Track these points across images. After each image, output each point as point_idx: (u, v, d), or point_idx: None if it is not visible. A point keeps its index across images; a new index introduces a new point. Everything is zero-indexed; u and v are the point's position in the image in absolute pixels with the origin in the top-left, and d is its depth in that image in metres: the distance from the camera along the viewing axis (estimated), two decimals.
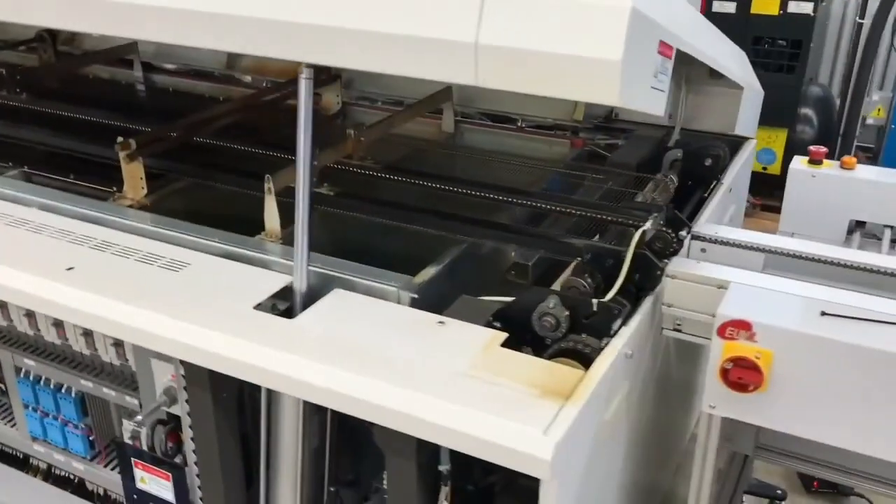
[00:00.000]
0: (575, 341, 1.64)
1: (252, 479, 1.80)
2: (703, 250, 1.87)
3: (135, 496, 1.92)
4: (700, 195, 2.29)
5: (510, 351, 1.57)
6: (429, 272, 1.82)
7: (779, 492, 2.71)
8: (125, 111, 2.65)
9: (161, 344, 1.65)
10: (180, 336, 1.60)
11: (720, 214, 2.31)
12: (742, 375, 1.54)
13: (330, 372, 1.51)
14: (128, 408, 1.88)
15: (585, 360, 1.59)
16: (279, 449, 1.74)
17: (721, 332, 1.57)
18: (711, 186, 2.33)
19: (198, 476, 1.82)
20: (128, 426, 1.86)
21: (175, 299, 1.69)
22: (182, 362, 1.69)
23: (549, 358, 1.62)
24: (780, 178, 3.94)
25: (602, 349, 1.60)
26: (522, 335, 1.69)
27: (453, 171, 2.34)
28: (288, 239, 1.97)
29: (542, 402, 1.43)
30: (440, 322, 1.65)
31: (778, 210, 2.48)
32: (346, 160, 2.20)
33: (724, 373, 1.57)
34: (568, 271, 1.83)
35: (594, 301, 1.65)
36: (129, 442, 1.86)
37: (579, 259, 1.81)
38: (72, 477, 2.12)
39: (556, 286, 1.79)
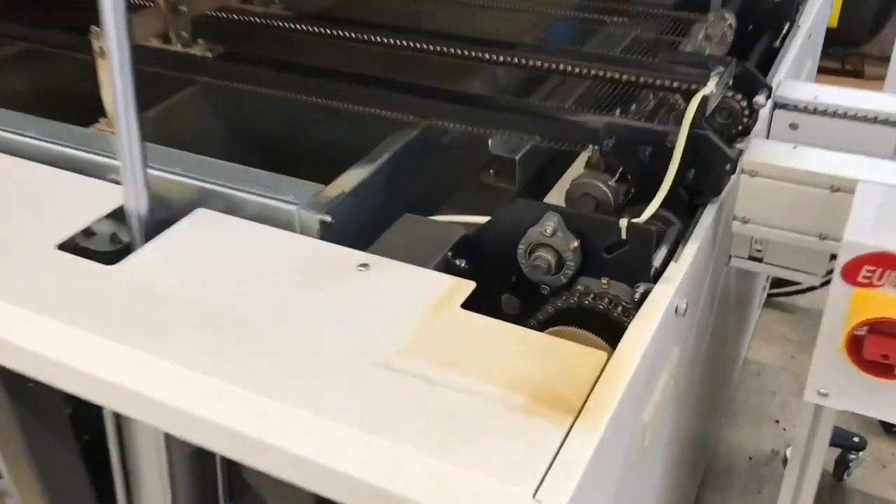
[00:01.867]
0: (591, 294, 0.96)
1: None
2: (794, 126, 1.16)
3: None
4: (768, 44, 1.55)
5: (478, 315, 0.90)
6: (350, 179, 1.13)
7: (856, 440, 2.12)
8: None
9: None
10: None
11: (796, 73, 1.58)
12: (888, 349, 0.87)
13: (148, 366, 0.84)
14: None
15: (609, 328, 0.92)
16: (139, 478, 1.10)
17: (848, 272, 0.88)
18: (783, 31, 1.58)
19: None
20: None
21: None
22: None
23: (547, 325, 0.95)
24: (835, 33, 3.18)
25: (638, 305, 0.93)
26: (502, 281, 1.02)
27: (403, 19, 1.58)
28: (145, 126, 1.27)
29: (534, 423, 0.77)
30: (363, 265, 0.97)
31: (843, 73, 1.73)
32: (240, 5, 1.46)
33: (853, 343, 0.89)
34: (578, 170, 1.13)
35: (622, 221, 0.96)
36: None
37: (596, 149, 1.10)
38: None
39: (558, 196, 1.09)
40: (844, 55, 4.07)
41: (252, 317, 0.90)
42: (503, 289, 1.05)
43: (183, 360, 0.84)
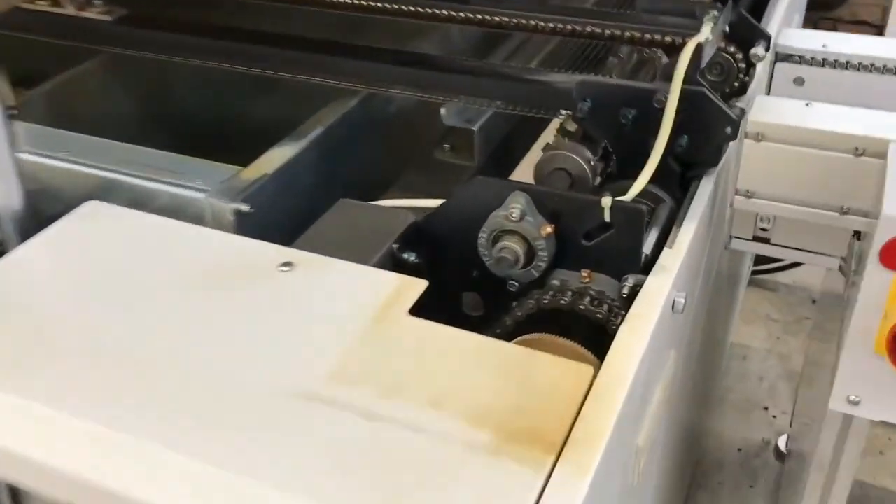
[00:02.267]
0: (570, 291, 0.78)
1: None
2: (800, 81, 0.98)
3: None
4: None
5: (431, 324, 0.72)
6: (273, 159, 0.93)
7: None
8: None
9: None
10: None
11: (788, 20, 1.40)
12: None
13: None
14: None
15: (594, 334, 0.74)
16: None
17: (888, 255, 0.71)
18: None
19: None
20: None
21: None
22: None
23: (516, 332, 0.76)
24: None
25: (628, 303, 0.75)
26: (461, 277, 0.84)
27: None
28: (34, 105, 1.08)
29: (503, 468, 0.58)
30: (286, 264, 0.78)
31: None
32: None
33: (895, 342, 0.72)
34: (548, 140, 0.94)
35: (605, 200, 0.77)
36: None
37: (568, 114, 0.92)
38: None
39: (525, 173, 0.91)
40: (817, 19, 3.94)
41: (141, 337, 0.70)
42: (463, 287, 0.87)
43: (48, 395, 0.65)
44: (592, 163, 0.91)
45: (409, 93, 1.00)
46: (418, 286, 0.76)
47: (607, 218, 0.77)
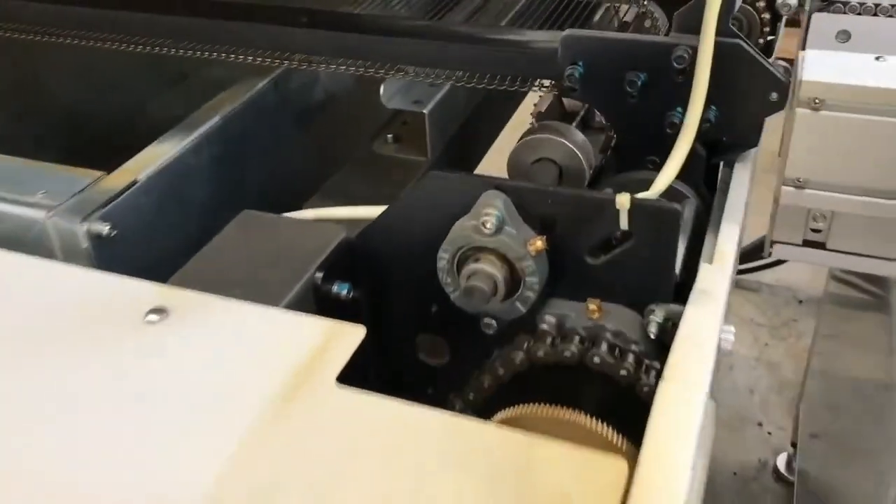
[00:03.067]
0: (578, 336, 0.53)
1: None
2: (845, 36, 0.75)
3: None
4: None
5: (370, 398, 0.46)
6: (145, 162, 0.67)
7: None
8: None
9: None
10: None
11: None
12: None
13: None
14: None
15: (615, 401, 0.49)
16: None
17: None
18: None
19: None
20: None
21: None
22: None
23: (498, 402, 0.51)
24: None
25: (661, 348, 0.51)
26: (415, 314, 0.59)
27: None
28: None
29: None
30: (156, 311, 0.52)
31: None
32: None
33: None
34: (525, 121, 0.70)
35: (621, 198, 0.53)
36: None
37: (552, 85, 0.68)
38: None
39: (495, 164, 0.67)
40: None
41: None
42: (418, 328, 0.62)
43: None
44: (585, 148, 0.67)
45: (338, 65, 0.74)
46: (352, 336, 0.51)
47: (624, 225, 0.53)
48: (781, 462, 1.86)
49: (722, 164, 0.69)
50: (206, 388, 0.48)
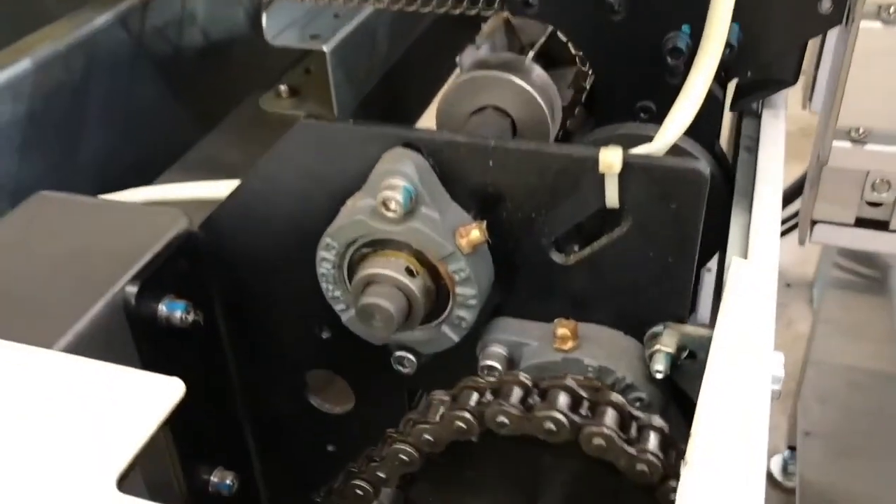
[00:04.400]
0: (561, 389, 0.32)
1: None
2: None
3: None
4: None
5: None
6: None
7: None
8: None
9: None
10: None
11: None
12: None
13: None
14: None
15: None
16: None
17: None
18: None
19: None
20: None
21: None
22: None
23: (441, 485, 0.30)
24: None
25: (663, 391, 0.30)
26: (303, 343, 0.37)
27: None
28: None
29: None
30: None
31: None
32: None
33: None
34: (464, 60, 0.48)
35: (609, 155, 0.31)
36: None
37: (499, 2, 0.46)
38: None
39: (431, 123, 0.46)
40: None
41: None
42: (304, 361, 0.41)
43: None
44: (550, 92, 0.46)
45: None
46: (167, 396, 0.30)
47: (613, 199, 0.32)
48: (776, 465, 1.68)
49: (742, 113, 0.49)
50: None
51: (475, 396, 0.32)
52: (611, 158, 0.31)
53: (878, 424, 1.55)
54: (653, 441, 0.29)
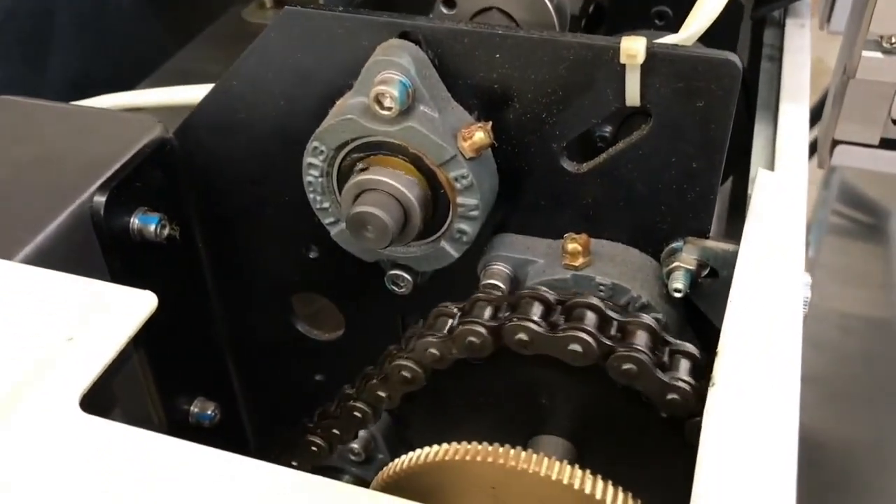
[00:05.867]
0: (567, 305, 0.29)
1: None
2: None
3: None
4: None
5: (131, 431, 0.22)
6: None
7: None
8: None
9: None
10: None
11: None
12: None
13: None
14: None
15: (645, 440, 0.26)
16: None
17: None
18: None
19: None
20: None
21: None
22: None
23: (434, 418, 0.28)
24: None
25: (683, 309, 0.27)
26: (288, 262, 0.34)
27: None
28: None
29: None
30: None
31: None
32: None
33: None
34: None
35: (631, 44, 0.28)
36: None
37: None
38: None
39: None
40: None
41: None
42: (289, 283, 0.38)
43: None
44: None
45: None
46: (134, 311, 0.27)
47: (634, 96, 0.29)
48: None
49: (764, 22, 0.45)
50: None
51: (489, 310, 0.29)
52: (634, 47, 0.28)
53: (871, 370, 1.54)
54: (684, 368, 0.26)
